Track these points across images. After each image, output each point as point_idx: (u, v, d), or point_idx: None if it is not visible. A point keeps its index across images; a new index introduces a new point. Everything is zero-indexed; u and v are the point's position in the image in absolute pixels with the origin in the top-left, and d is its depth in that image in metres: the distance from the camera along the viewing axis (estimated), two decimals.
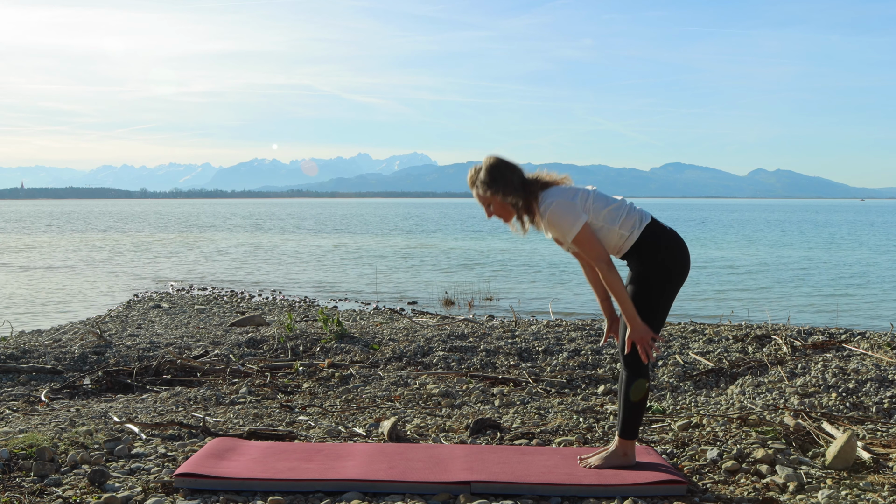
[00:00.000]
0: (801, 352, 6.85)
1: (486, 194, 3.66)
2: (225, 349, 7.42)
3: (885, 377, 5.74)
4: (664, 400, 5.80)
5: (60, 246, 30.37)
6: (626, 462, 3.76)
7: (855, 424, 4.81)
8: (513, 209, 3.68)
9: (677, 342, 7.57)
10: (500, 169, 3.64)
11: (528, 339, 7.54)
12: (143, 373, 6.44)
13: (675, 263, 3.65)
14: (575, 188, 3.68)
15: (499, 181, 3.62)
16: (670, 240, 3.67)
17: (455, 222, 60.14)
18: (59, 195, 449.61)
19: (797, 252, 27.37)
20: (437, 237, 38.09)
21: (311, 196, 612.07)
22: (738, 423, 4.58)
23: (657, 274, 3.63)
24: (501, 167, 3.64)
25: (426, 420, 4.98)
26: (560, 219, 3.56)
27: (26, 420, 4.92)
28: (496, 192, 3.64)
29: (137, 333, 8.61)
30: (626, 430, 3.74)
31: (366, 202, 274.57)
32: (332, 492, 3.53)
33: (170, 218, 72.63)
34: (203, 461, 3.77)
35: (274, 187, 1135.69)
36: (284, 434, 4.57)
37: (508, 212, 3.70)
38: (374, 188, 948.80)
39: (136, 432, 4.50)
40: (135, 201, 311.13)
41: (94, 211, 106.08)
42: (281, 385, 6.06)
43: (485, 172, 3.65)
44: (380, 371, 6.53)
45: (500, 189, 3.63)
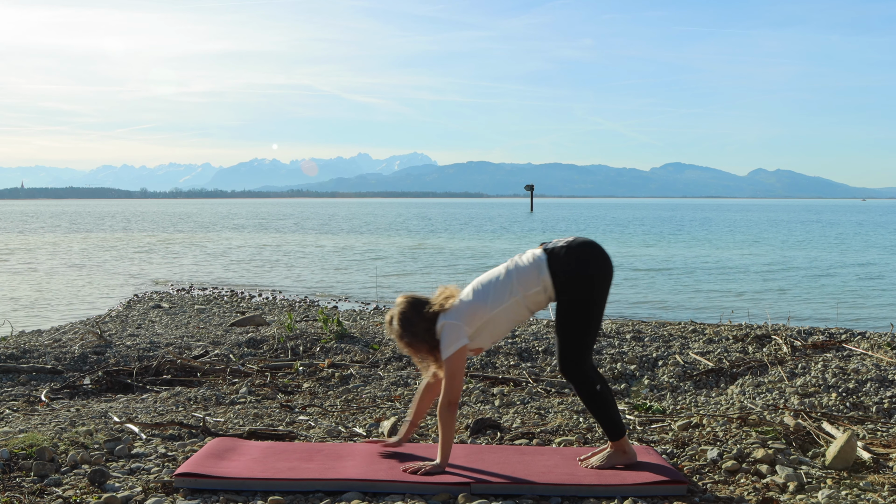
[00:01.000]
0: (801, 352, 6.85)
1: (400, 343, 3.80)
2: (225, 349, 7.42)
3: (885, 377, 5.74)
4: (664, 400, 5.80)
5: (61, 246, 30.37)
6: (627, 459, 3.77)
7: (855, 424, 4.81)
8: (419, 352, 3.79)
9: (677, 342, 7.57)
10: (409, 318, 3.74)
11: (528, 338, 7.54)
12: (143, 373, 6.44)
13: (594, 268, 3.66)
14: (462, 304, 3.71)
15: (407, 334, 3.75)
16: (577, 253, 3.67)
17: (455, 222, 60.15)
18: (60, 195, 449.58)
19: (818, 253, 27.36)
20: (437, 237, 38.09)
21: (311, 196, 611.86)
22: (738, 423, 4.57)
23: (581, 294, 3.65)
24: (410, 316, 3.74)
25: (426, 420, 4.98)
26: (443, 338, 3.66)
27: (26, 420, 4.92)
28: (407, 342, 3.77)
29: (137, 333, 8.61)
30: (612, 433, 3.76)
31: (367, 202, 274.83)
32: (332, 492, 3.53)
33: (170, 218, 72.64)
34: (203, 461, 3.77)
35: (274, 187, 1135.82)
36: (284, 434, 4.57)
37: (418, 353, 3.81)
38: (374, 188, 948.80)
39: (136, 432, 4.50)
40: (135, 201, 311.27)
41: (94, 211, 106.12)
42: (281, 385, 6.06)
43: (397, 323, 3.77)
44: (380, 371, 6.53)
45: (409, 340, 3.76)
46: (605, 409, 3.74)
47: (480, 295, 3.70)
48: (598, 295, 3.66)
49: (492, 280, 3.73)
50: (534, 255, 3.72)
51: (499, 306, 3.67)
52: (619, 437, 3.76)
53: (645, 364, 6.80)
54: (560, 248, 3.68)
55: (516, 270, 3.69)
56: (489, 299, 3.68)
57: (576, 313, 3.65)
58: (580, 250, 3.67)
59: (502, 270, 3.73)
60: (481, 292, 3.71)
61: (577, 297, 3.64)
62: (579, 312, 3.65)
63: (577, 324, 3.66)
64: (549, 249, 3.70)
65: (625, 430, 3.79)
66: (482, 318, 3.68)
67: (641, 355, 7.01)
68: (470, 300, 3.70)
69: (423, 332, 3.70)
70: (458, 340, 3.62)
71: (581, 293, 3.64)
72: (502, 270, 3.73)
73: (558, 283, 3.64)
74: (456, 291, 3.77)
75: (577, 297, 3.64)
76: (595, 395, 3.71)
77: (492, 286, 3.71)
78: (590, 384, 3.71)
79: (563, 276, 3.63)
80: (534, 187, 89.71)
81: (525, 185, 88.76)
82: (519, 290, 3.66)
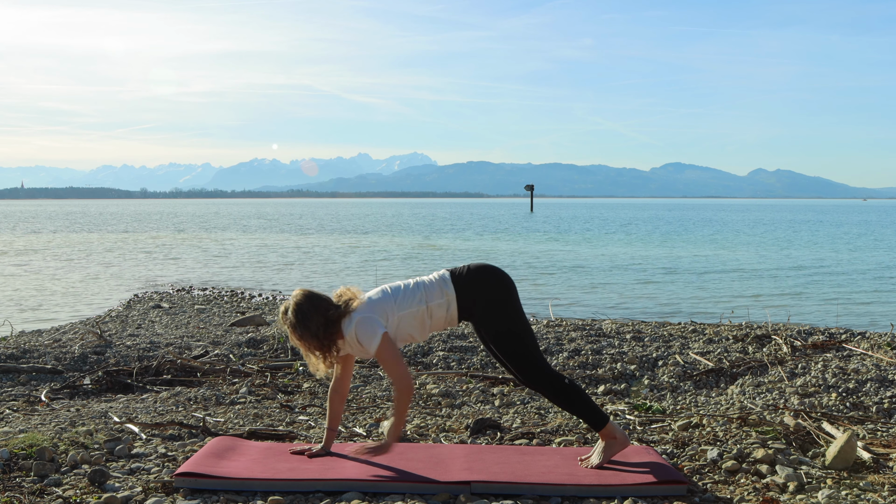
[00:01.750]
0: (801, 352, 6.86)
1: (292, 335, 3.80)
2: (225, 349, 7.42)
3: (885, 377, 5.74)
4: (664, 400, 5.80)
5: (61, 246, 30.38)
6: (621, 444, 3.80)
7: (855, 424, 4.81)
8: (309, 347, 3.79)
9: (677, 342, 7.57)
10: (305, 312, 3.74)
11: None
12: (143, 373, 6.44)
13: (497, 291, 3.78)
14: (371, 300, 3.78)
15: (301, 326, 3.74)
16: (477, 275, 3.80)
17: (455, 223, 60.16)
18: (60, 195, 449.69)
19: (822, 253, 27.37)
20: (438, 237, 38.10)
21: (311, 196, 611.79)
22: (738, 423, 4.57)
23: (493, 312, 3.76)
24: (306, 310, 3.74)
25: (426, 420, 4.98)
26: (362, 335, 3.68)
27: (26, 420, 4.92)
28: (299, 335, 3.77)
29: (137, 333, 8.61)
30: (596, 422, 3.81)
31: (368, 202, 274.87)
32: (332, 492, 3.53)
33: (170, 218, 72.66)
34: (203, 461, 3.77)
35: (274, 187, 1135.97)
36: (284, 434, 4.58)
37: (308, 347, 3.80)
38: (374, 188, 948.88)
39: (136, 432, 4.50)
40: (135, 201, 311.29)
41: (95, 211, 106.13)
42: (281, 385, 6.06)
43: (291, 313, 3.76)
44: (380, 371, 6.53)
45: (301, 333, 3.76)
46: (581, 400, 3.80)
47: (389, 296, 3.80)
48: (506, 305, 3.78)
49: (400, 286, 3.84)
50: (439, 273, 3.87)
51: (405, 310, 3.76)
52: (605, 423, 3.80)
53: (645, 364, 6.81)
54: (462, 268, 3.86)
55: (424, 284, 3.82)
56: (397, 300, 3.78)
57: (499, 326, 3.76)
58: (479, 268, 3.84)
59: (410, 282, 3.86)
60: (390, 294, 3.81)
61: (487, 311, 3.77)
62: (501, 324, 3.76)
63: (507, 334, 3.76)
64: (452, 270, 3.86)
65: (607, 415, 3.84)
66: (391, 316, 3.76)
67: (641, 355, 7.01)
68: (379, 297, 3.79)
69: (317, 328, 3.72)
70: (377, 330, 3.68)
71: (489, 306, 3.77)
72: (410, 282, 3.86)
73: (461, 299, 3.77)
74: (359, 293, 3.84)
75: (489, 311, 3.77)
76: (567, 389, 3.78)
77: (400, 291, 3.81)
78: (557, 380, 3.78)
79: (466, 290, 3.77)
80: (534, 187, 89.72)
81: (525, 185, 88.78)
82: (424, 300, 3.77)
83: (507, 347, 3.78)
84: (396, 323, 3.77)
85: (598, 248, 29.09)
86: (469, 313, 3.81)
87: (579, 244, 31.91)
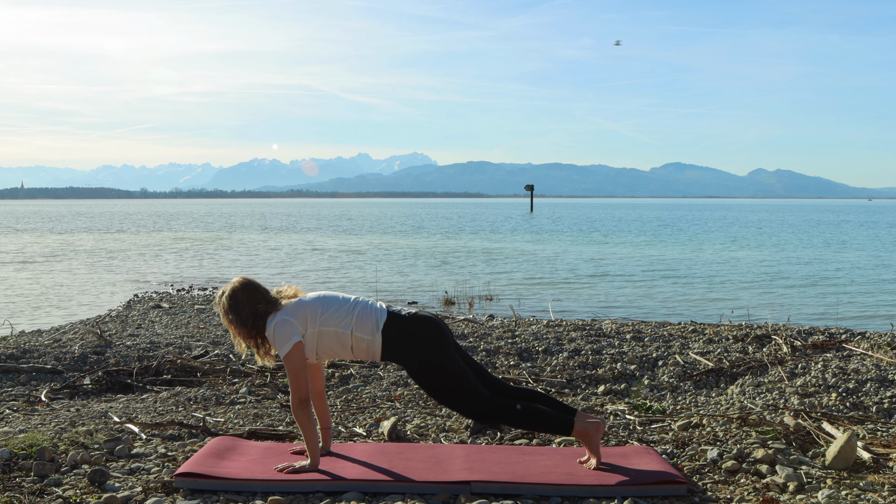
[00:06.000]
0: (801, 352, 6.85)
1: (224, 319, 3.83)
2: (225, 349, 7.42)
3: (885, 377, 5.74)
4: (664, 400, 5.80)
5: (61, 246, 30.38)
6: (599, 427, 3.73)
7: (855, 424, 4.81)
8: (239, 333, 3.82)
9: (677, 342, 7.57)
10: (238, 300, 3.75)
11: (528, 338, 7.54)
12: (143, 373, 6.44)
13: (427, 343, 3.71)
14: (299, 303, 3.75)
15: (232, 312, 3.77)
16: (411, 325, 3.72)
17: (455, 223, 60.16)
18: (60, 195, 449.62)
19: (823, 253, 27.36)
20: (438, 237, 38.10)
21: (311, 196, 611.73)
22: (738, 423, 4.57)
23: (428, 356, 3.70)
24: (240, 298, 3.76)
25: (426, 420, 4.98)
26: (277, 337, 3.68)
27: (26, 420, 4.92)
28: (229, 320, 3.80)
29: (137, 333, 8.61)
30: (562, 429, 3.74)
31: (368, 202, 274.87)
32: (332, 492, 3.53)
33: (170, 218, 72.65)
34: (203, 461, 3.77)
35: (274, 187, 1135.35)
36: (284, 434, 4.58)
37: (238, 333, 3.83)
38: (374, 188, 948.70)
39: (136, 432, 4.50)
40: (136, 201, 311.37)
41: (95, 211, 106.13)
42: (281, 385, 6.06)
43: (225, 298, 3.79)
44: (380, 371, 6.53)
45: (231, 319, 3.79)
46: (541, 418, 3.73)
47: (318, 306, 3.75)
48: (433, 363, 3.70)
49: (337, 299, 3.79)
50: (380, 306, 3.79)
51: (328, 326, 3.72)
52: (572, 425, 3.73)
53: (645, 364, 6.80)
54: (400, 310, 3.80)
55: (359, 311, 3.74)
56: (325, 314, 3.73)
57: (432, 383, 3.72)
58: (412, 327, 3.73)
59: (350, 298, 3.81)
60: (320, 304, 3.75)
61: (415, 372, 3.73)
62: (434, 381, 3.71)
63: (443, 377, 3.70)
64: (392, 313, 3.77)
65: (571, 412, 3.78)
66: (313, 324, 3.71)
67: (641, 355, 7.01)
68: (308, 303, 3.75)
69: (247, 317, 3.74)
70: (291, 337, 3.66)
71: (418, 367, 3.72)
72: (350, 298, 3.81)
73: (386, 352, 3.72)
74: (299, 292, 3.83)
75: (417, 373, 3.73)
76: (522, 414, 3.71)
77: (332, 305, 3.75)
78: (509, 409, 3.71)
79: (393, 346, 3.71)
80: (534, 187, 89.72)
81: (525, 185, 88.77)
82: (350, 327, 3.71)
83: (443, 398, 3.74)
84: (317, 335, 3.72)
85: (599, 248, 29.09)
86: (395, 360, 3.77)
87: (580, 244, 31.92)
